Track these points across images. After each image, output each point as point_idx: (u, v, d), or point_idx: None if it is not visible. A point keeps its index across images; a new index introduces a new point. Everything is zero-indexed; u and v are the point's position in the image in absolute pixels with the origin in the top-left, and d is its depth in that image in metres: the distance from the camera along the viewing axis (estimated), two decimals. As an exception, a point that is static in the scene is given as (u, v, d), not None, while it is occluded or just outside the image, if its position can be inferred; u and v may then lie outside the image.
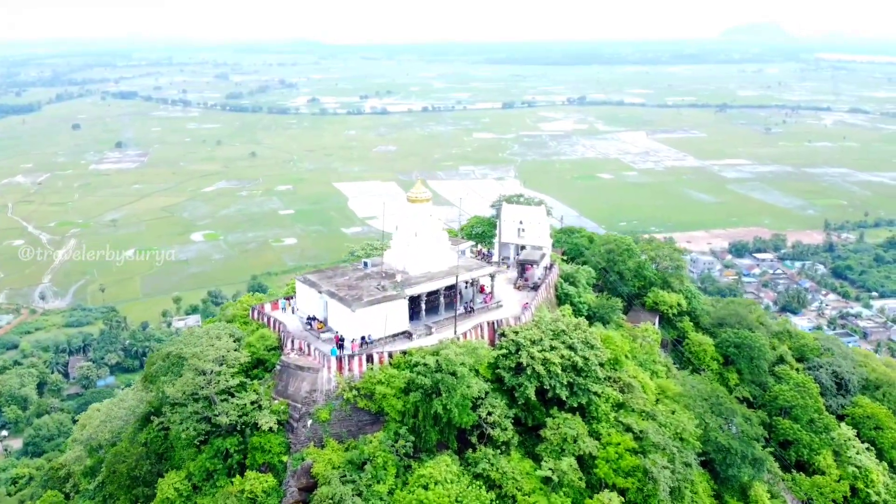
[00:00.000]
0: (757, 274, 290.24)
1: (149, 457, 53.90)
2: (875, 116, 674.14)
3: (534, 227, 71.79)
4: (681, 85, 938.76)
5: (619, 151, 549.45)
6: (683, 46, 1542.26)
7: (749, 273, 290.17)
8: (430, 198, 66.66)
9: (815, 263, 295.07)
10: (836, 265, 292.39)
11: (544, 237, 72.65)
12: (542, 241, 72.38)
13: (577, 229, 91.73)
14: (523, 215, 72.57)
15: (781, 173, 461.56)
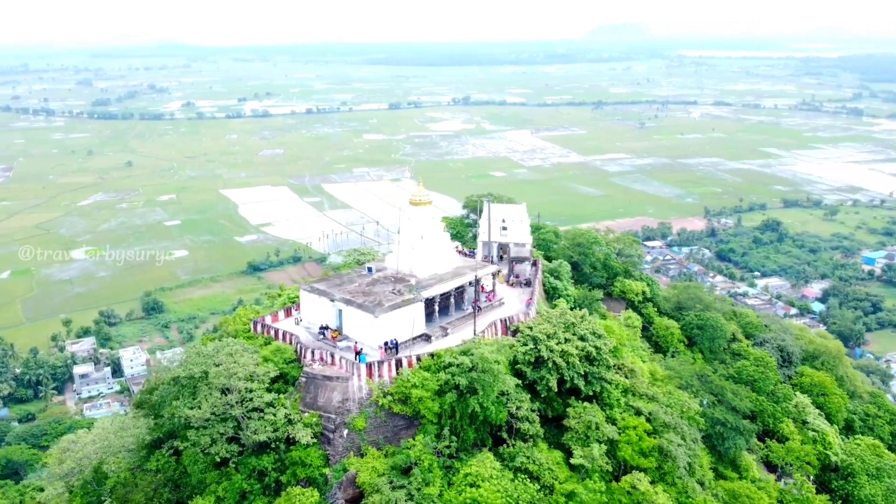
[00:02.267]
0: (649, 261, 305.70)
1: (166, 484, 50.34)
2: (737, 108, 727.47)
3: (517, 225, 73.00)
4: (557, 84, 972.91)
5: (507, 150, 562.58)
6: (555, 47, 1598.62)
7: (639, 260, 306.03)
8: (431, 200, 66.22)
9: (700, 248, 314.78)
10: (720, 249, 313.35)
11: (526, 234, 74.03)
12: (525, 239, 73.73)
13: (542, 225, 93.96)
14: (506, 214, 73.62)
15: (659, 165, 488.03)
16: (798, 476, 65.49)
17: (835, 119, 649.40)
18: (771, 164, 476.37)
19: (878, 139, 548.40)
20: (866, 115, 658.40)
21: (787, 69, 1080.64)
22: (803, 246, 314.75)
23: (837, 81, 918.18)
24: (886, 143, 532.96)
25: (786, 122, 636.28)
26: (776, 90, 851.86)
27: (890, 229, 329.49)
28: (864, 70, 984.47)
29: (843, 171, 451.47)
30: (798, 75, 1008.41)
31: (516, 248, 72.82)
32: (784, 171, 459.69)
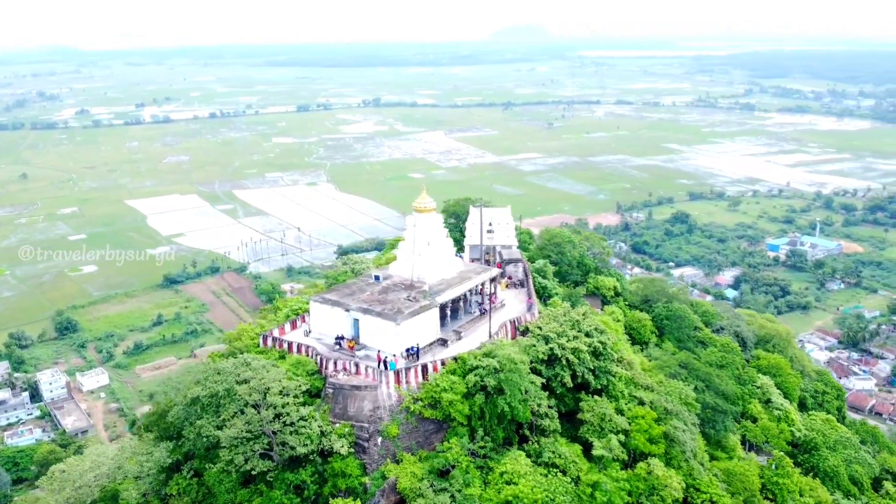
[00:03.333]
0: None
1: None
2: (638, 106, 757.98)
3: (503, 228, 74.34)
4: (465, 85, 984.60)
5: (423, 151, 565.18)
6: (459, 48, 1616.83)
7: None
8: (436, 207, 66.45)
9: (617, 242, 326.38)
10: (635, 242, 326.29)
11: (512, 237, 75.55)
12: (511, 241, 75.30)
13: (517, 227, 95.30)
14: (492, 217, 74.73)
15: (570, 163, 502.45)
16: (777, 454, 70.17)
17: (729, 114, 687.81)
18: (674, 160, 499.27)
19: (770, 132, 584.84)
20: (758, 109, 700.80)
21: (682, 67, 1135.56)
22: (711, 236, 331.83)
23: (729, 78, 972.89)
24: (779, 135, 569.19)
25: (684, 119, 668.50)
26: (673, 88, 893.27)
27: (789, 217, 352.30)
28: (753, 67, 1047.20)
29: (741, 163, 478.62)
30: (692, 73, 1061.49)
31: (507, 251, 74.42)
32: (687, 165, 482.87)
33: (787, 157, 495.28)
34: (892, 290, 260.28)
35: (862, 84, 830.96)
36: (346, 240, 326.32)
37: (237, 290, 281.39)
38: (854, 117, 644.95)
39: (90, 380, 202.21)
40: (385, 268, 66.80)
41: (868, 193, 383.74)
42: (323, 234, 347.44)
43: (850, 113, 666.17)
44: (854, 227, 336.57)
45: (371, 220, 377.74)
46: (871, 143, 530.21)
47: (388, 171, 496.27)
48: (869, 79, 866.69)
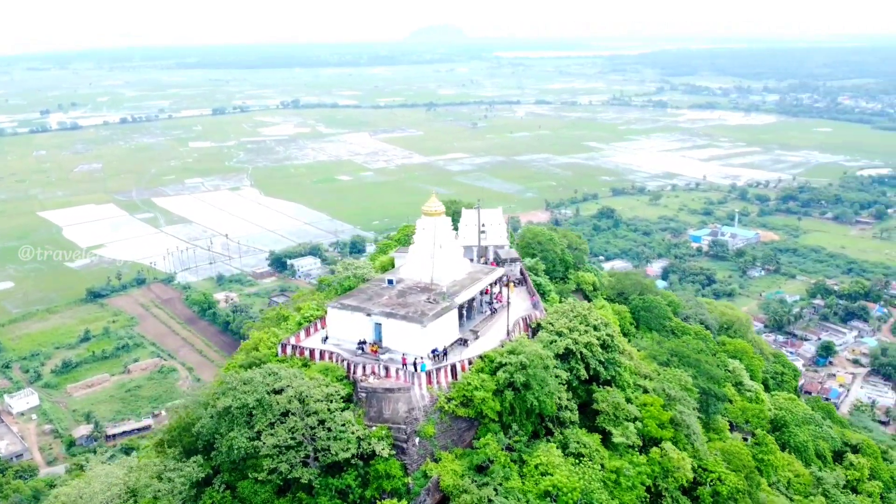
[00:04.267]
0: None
1: (230, 521, 47.55)
2: (557, 106, 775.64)
3: (495, 229, 75.50)
4: (386, 86, 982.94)
5: (349, 153, 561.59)
6: (377, 48, 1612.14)
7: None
8: (444, 210, 67.17)
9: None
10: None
11: (504, 237, 76.87)
12: (504, 241, 76.63)
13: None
14: (484, 218, 75.69)
15: (496, 163, 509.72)
16: (760, 432, 74.35)
17: (643, 112, 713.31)
18: (595, 157, 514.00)
19: (683, 129, 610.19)
20: (670, 106, 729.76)
21: (596, 67, 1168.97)
22: (637, 230, 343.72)
23: (641, 77, 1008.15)
24: (691, 131, 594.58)
25: (601, 117, 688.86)
26: (588, 87, 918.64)
27: (708, 209, 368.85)
28: (663, 66, 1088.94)
29: (658, 159, 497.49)
30: (606, 73, 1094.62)
31: (504, 251, 75.77)
32: (607, 162, 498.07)
33: (700, 151, 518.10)
34: (809, 275, 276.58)
35: (766, 80, 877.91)
36: (277, 245, 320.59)
37: (166, 301, 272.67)
38: (760, 112, 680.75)
39: (19, 401, 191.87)
40: (394, 271, 67.00)
41: (779, 184, 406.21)
42: (252, 241, 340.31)
43: (756, 108, 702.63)
44: (769, 217, 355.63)
45: (301, 225, 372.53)
46: (777, 136, 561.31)
47: (313, 174, 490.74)
48: (772, 75, 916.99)
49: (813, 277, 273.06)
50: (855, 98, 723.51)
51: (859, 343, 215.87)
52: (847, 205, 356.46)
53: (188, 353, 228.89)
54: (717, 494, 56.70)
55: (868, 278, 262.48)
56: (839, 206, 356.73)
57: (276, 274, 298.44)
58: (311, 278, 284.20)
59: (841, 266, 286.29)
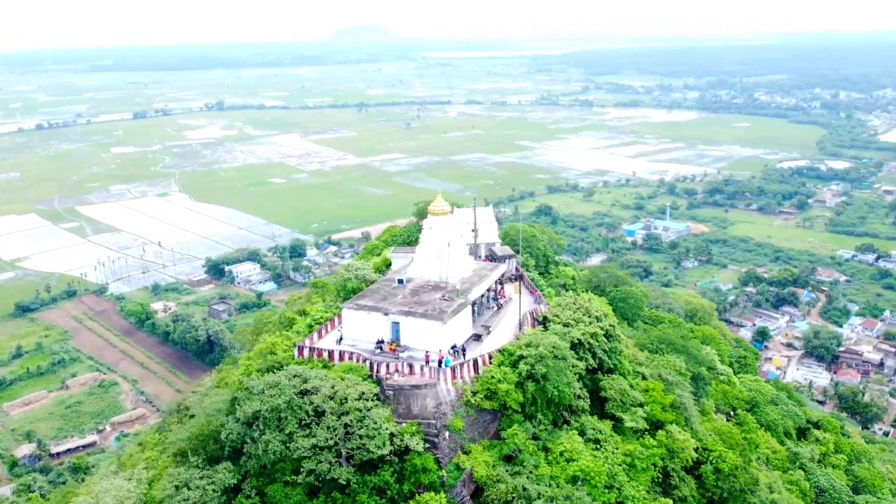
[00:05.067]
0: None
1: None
2: (488, 106, 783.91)
3: (486, 227, 76.51)
4: (313, 86, 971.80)
5: (280, 155, 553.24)
6: (301, 48, 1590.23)
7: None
8: (451, 209, 67.98)
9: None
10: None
11: (495, 235, 78.10)
12: (495, 239, 77.84)
13: None
14: (477, 217, 76.46)
15: (432, 163, 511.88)
16: (741, 413, 78.09)
17: (571, 111, 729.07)
18: (528, 156, 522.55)
19: (610, 126, 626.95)
20: (596, 105, 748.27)
21: (522, 67, 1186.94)
22: (574, 226, 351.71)
23: (566, 76, 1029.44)
24: (618, 129, 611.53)
25: (531, 117, 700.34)
26: (516, 87, 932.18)
27: (639, 204, 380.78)
28: (586, 65, 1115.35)
29: (588, 157, 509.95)
30: (532, 73, 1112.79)
31: (501, 248, 76.97)
32: (540, 161, 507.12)
33: (628, 148, 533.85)
34: (740, 265, 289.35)
35: (685, 78, 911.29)
36: (212, 252, 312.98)
37: (101, 313, 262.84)
38: (682, 109, 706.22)
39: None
40: (398, 271, 67.32)
41: (705, 178, 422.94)
42: (185, 248, 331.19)
43: (678, 105, 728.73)
44: (697, 210, 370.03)
45: (236, 230, 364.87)
46: (699, 132, 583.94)
47: (244, 178, 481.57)
48: (691, 73, 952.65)
49: (743, 266, 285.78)
50: (770, 94, 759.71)
51: (792, 327, 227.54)
52: (770, 196, 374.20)
53: (129, 366, 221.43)
54: (719, 472, 59.67)
55: (795, 266, 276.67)
56: (763, 198, 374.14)
57: (213, 281, 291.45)
58: (252, 284, 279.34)
59: (769, 255, 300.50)
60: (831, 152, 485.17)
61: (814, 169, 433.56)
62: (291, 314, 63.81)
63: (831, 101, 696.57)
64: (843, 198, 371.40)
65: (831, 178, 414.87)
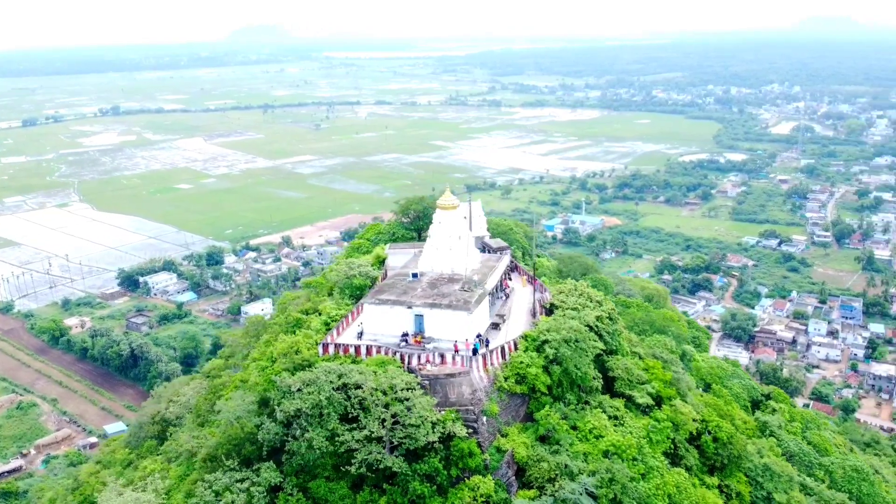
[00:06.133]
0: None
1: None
2: (398, 106, 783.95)
3: (477, 221, 77.39)
4: (213, 88, 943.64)
5: (185, 160, 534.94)
6: (197, 49, 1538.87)
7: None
8: (459, 203, 69.25)
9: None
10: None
11: (484, 228, 79.28)
12: (484, 232, 79.04)
13: None
14: (467, 211, 77.15)
15: (347, 164, 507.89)
16: (716, 387, 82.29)
17: (480, 111, 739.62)
18: (443, 156, 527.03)
19: (519, 126, 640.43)
20: (504, 105, 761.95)
21: (427, 68, 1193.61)
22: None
23: (472, 77, 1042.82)
24: (527, 128, 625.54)
25: (442, 117, 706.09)
26: (424, 88, 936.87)
27: (555, 200, 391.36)
28: (491, 66, 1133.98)
29: (501, 155, 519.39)
30: (438, 73, 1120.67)
31: (495, 241, 78.27)
32: (455, 160, 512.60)
33: (538, 147, 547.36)
34: (654, 254, 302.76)
35: (586, 77, 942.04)
36: (122, 263, 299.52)
37: (9, 332, 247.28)
38: (586, 107, 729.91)
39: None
40: (406, 265, 67.64)
41: (613, 173, 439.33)
42: (94, 260, 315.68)
43: (581, 104, 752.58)
44: (609, 204, 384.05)
45: (145, 240, 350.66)
46: (603, 129, 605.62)
47: (149, 184, 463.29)
48: (591, 72, 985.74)
49: (657, 256, 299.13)
50: (667, 91, 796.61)
51: (708, 311, 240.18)
52: (675, 188, 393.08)
53: (47, 386, 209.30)
54: (717, 440, 63.35)
55: (706, 253, 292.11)
56: (669, 190, 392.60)
57: (128, 293, 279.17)
58: (169, 295, 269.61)
59: (680, 244, 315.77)
60: (728, 145, 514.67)
61: (713, 162, 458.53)
62: (297, 314, 62.87)
63: (724, 97, 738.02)
64: (742, 188, 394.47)
65: (730, 169, 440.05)
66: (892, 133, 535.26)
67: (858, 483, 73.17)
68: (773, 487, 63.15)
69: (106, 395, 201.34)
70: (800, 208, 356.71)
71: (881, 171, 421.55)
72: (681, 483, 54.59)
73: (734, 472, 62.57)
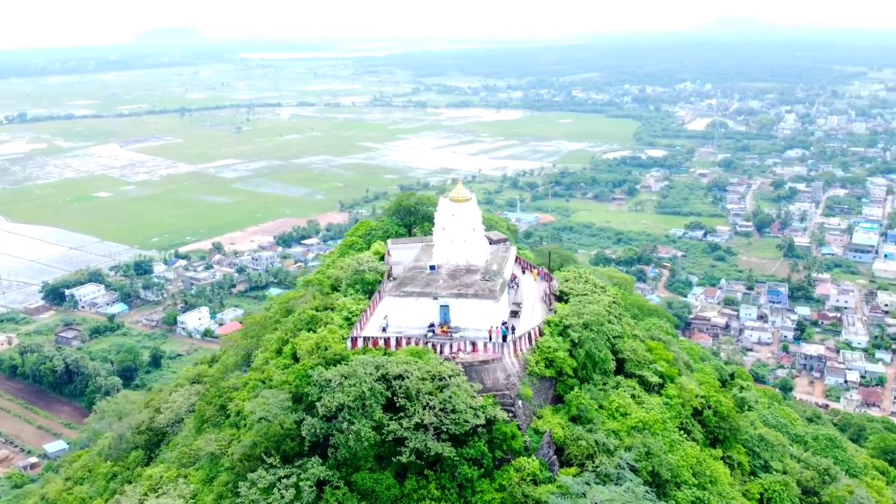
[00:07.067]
0: (311, 258, 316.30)
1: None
2: (321, 107, 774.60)
3: None
4: (125, 92, 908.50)
5: (101, 167, 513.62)
6: (104, 52, 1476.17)
7: (304, 259, 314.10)
8: (472, 196, 70.76)
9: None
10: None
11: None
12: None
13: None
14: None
15: (274, 167, 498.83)
16: (697, 365, 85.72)
17: (406, 112, 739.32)
18: (373, 157, 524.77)
19: (446, 126, 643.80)
20: (429, 106, 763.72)
21: (348, 69, 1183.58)
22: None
23: (395, 78, 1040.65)
24: (455, 129, 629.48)
25: (368, 118, 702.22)
26: (347, 89, 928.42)
27: (489, 199, 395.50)
28: (413, 67, 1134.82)
29: (431, 156, 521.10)
30: (360, 74, 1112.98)
31: (494, 233, 79.14)
32: (386, 161, 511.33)
33: (467, 147, 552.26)
34: (588, 248, 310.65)
35: (507, 78, 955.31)
36: (45, 276, 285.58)
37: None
38: (509, 108, 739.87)
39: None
40: (417, 258, 67.96)
41: (542, 172, 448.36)
42: (12, 274, 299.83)
43: (505, 104, 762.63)
44: (541, 201, 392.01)
45: (66, 251, 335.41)
46: (528, 129, 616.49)
47: (65, 193, 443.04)
48: (512, 73, 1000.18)
49: (592, 249, 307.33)
50: (586, 91, 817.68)
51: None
52: (602, 185, 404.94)
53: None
54: (717, 414, 66.42)
55: (637, 246, 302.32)
56: (596, 187, 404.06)
57: (54, 307, 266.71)
58: (99, 307, 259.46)
59: (611, 238, 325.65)
60: (647, 142, 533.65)
61: (636, 158, 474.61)
62: (311, 312, 62.13)
63: (640, 96, 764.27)
64: (665, 182, 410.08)
65: (651, 165, 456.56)
66: (801, 127, 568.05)
67: (832, 450, 78.27)
68: (770, 456, 66.98)
69: (42, 413, 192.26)
70: (720, 200, 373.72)
71: (793, 163, 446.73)
72: (699, 455, 57.31)
73: (733, 444, 65.92)
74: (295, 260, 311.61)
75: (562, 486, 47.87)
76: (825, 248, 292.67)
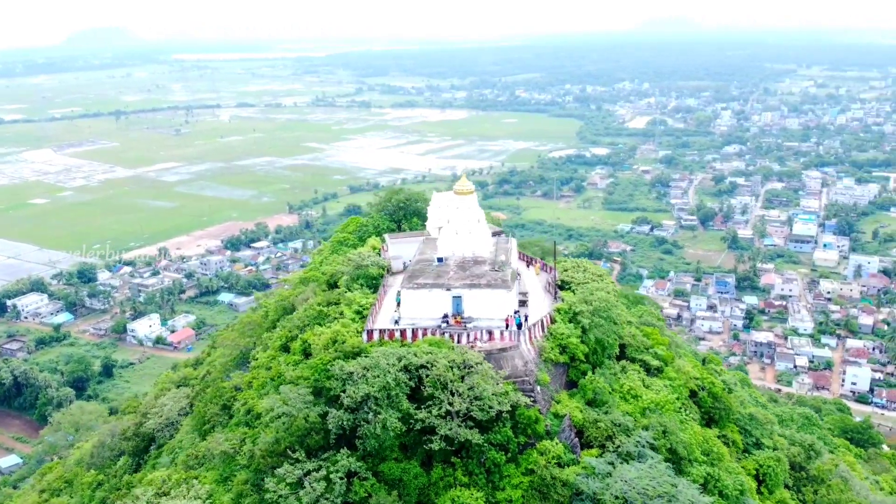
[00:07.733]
0: (262, 261, 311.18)
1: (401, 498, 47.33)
2: (262, 108, 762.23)
3: None
4: (55, 96, 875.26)
5: (35, 173, 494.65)
6: (31, 55, 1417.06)
7: (255, 262, 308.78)
8: (474, 189, 71.40)
9: (306, 241, 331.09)
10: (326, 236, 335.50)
11: None
12: None
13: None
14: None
15: (216, 169, 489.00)
16: (683, 351, 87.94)
17: (350, 112, 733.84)
18: (319, 158, 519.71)
19: (393, 126, 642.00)
20: (373, 106, 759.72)
21: (287, 69, 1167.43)
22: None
23: (337, 78, 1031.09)
24: (401, 129, 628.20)
25: (312, 119, 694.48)
26: (287, 89, 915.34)
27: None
28: (354, 67, 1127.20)
29: (379, 156, 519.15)
30: (299, 74, 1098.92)
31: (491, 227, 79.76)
32: (333, 162, 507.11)
33: (415, 147, 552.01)
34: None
35: (450, 78, 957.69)
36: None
37: None
38: (454, 108, 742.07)
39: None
40: (423, 252, 67.74)
41: (491, 171, 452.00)
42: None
43: (450, 105, 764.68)
44: (492, 199, 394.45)
45: (4, 260, 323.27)
46: (474, 128, 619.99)
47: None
48: (454, 73, 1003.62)
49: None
50: (528, 91, 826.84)
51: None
52: (550, 183, 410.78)
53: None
54: (712, 394, 68.48)
55: (587, 241, 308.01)
56: (545, 185, 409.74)
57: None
58: (42, 318, 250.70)
59: (563, 234, 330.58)
60: (591, 140, 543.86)
61: (580, 156, 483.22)
62: (318, 307, 61.37)
63: (581, 96, 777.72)
64: (610, 179, 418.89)
65: (596, 163, 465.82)
66: (736, 123, 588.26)
67: (809, 427, 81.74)
68: (760, 434, 69.60)
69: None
70: (664, 196, 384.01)
71: (731, 158, 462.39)
72: (704, 434, 59.18)
73: (727, 423, 68.19)
74: (245, 264, 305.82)
75: (587, 467, 48.91)
76: (767, 239, 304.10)
